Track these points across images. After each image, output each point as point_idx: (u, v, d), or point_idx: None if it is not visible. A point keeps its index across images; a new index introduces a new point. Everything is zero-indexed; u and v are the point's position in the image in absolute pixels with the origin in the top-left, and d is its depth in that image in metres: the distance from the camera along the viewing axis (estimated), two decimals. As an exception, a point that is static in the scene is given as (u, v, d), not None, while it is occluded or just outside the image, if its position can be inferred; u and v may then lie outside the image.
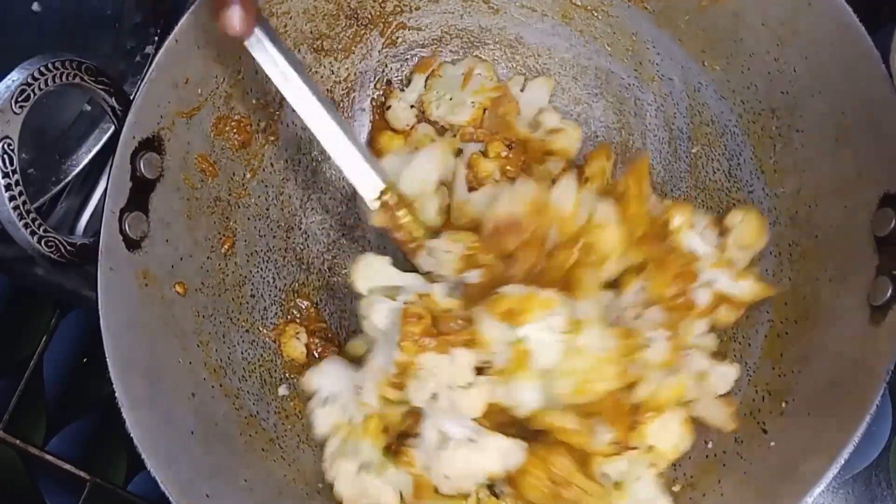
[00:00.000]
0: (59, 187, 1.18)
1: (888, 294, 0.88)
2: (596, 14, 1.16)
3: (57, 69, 0.90)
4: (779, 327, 1.02)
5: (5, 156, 0.86)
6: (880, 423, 1.15)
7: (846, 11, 0.94)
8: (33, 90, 0.88)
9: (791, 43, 1.02)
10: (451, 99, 1.18)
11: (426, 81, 1.21)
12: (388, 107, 1.21)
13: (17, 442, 1.27)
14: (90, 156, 1.19)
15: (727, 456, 0.99)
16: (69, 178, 1.19)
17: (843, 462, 0.85)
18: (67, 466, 1.25)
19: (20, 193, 0.88)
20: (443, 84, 1.19)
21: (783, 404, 0.97)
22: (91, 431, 1.27)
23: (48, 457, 1.26)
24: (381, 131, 1.21)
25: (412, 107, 1.20)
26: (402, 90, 1.21)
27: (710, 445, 1.02)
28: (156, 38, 1.22)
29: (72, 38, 1.28)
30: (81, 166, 1.19)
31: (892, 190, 0.91)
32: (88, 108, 1.21)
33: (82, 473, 1.25)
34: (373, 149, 1.20)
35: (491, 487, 1.01)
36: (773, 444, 0.96)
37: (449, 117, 1.18)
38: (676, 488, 1.01)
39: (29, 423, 1.27)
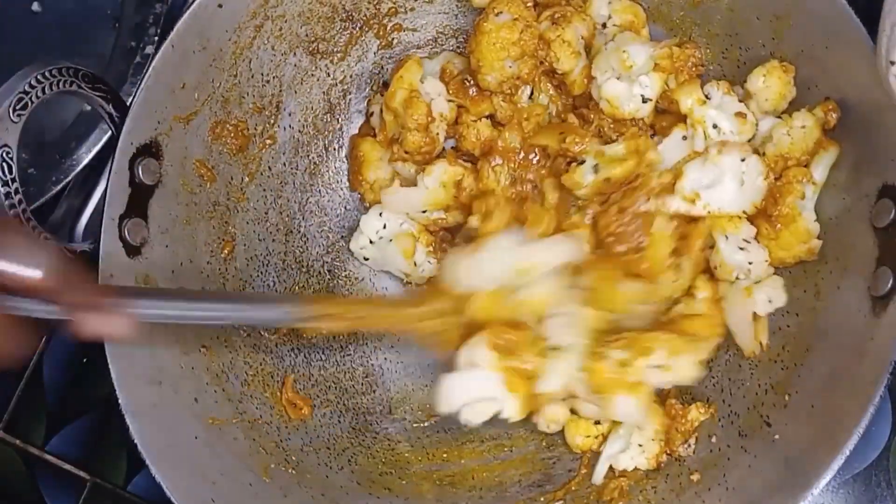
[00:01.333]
0: (59, 187, 1.18)
1: (889, 285, 0.88)
2: (591, 11, 1.17)
3: (54, 77, 0.90)
4: (780, 320, 1.02)
5: (4, 164, 0.86)
6: (880, 423, 1.15)
7: (841, 4, 0.94)
8: (31, 98, 0.88)
9: (786, 37, 1.02)
10: None
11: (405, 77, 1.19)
12: (371, 113, 1.21)
13: (17, 442, 1.26)
14: (90, 156, 1.19)
15: (731, 450, 0.99)
16: (69, 177, 1.19)
17: (847, 453, 0.85)
18: (67, 466, 1.25)
19: (20, 202, 0.88)
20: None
21: (786, 397, 0.97)
22: (91, 431, 1.26)
23: (48, 457, 1.25)
24: (364, 137, 1.20)
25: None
26: (381, 94, 1.20)
27: (713, 440, 1.02)
28: (156, 39, 1.22)
29: (71, 38, 1.29)
30: (81, 166, 1.19)
31: (890, 181, 0.91)
32: (88, 108, 1.21)
33: (82, 473, 1.24)
34: (354, 155, 1.20)
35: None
36: (777, 437, 0.96)
37: None
38: (696, 477, 1.01)
39: (29, 423, 1.27)
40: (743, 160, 1.00)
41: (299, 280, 1.18)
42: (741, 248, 1.01)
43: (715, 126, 1.02)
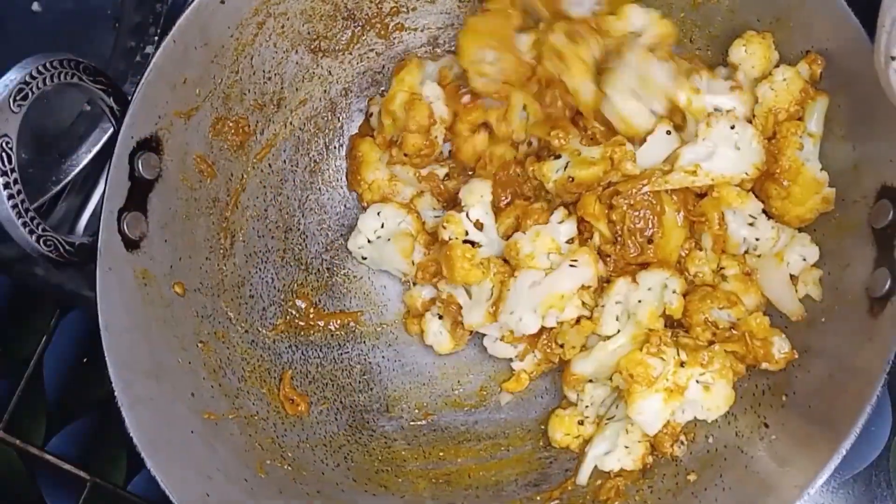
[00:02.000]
0: (59, 187, 1.18)
1: (887, 286, 0.88)
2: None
3: (55, 68, 0.90)
4: (777, 321, 1.02)
5: (4, 154, 0.86)
6: (880, 423, 1.15)
7: (840, 6, 0.95)
8: (31, 89, 0.88)
9: (786, 38, 1.02)
10: None
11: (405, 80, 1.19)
12: (370, 113, 1.21)
13: (17, 442, 1.27)
14: (90, 155, 1.19)
15: (728, 450, 0.99)
16: (69, 177, 1.19)
17: (844, 454, 0.85)
18: (67, 466, 1.25)
19: (19, 192, 0.88)
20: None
21: (783, 398, 0.97)
22: (91, 431, 1.26)
23: (48, 457, 1.26)
24: (364, 137, 1.20)
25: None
26: (382, 95, 1.21)
27: (710, 440, 1.02)
28: (156, 38, 1.22)
29: (71, 37, 1.29)
30: (81, 166, 1.19)
31: (889, 182, 0.91)
32: (88, 107, 1.22)
33: (82, 473, 1.25)
34: (353, 155, 1.20)
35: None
36: (774, 437, 0.96)
37: None
38: (692, 477, 1.01)
39: (29, 423, 1.27)
40: (732, 127, 1.01)
41: (298, 277, 1.18)
42: (749, 224, 1.02)
43: (717, 109, 1.03)
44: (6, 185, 0.86)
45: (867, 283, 0.91)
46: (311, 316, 1.17)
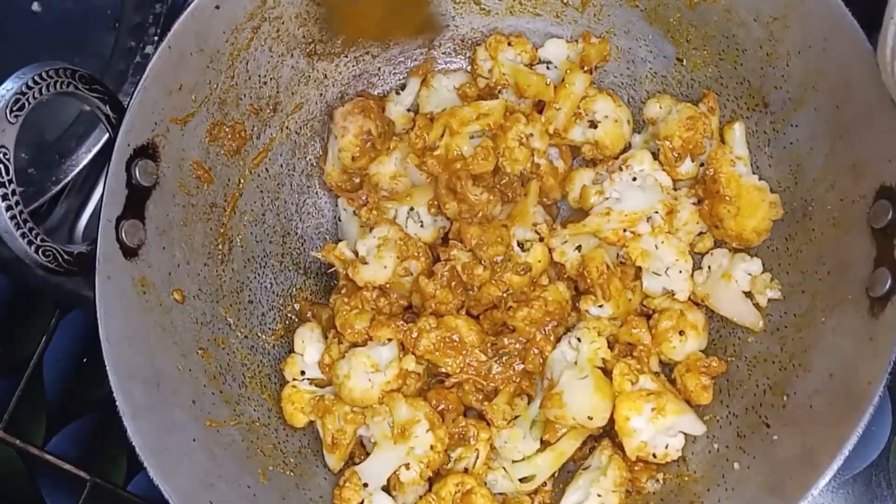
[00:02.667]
0: (58, 187, 1.19)
1: (887, 286, 0.88)
2: (587, 12, 1.17)
3: (51, 77, 0.89)
4: (777, 321, 1.03)
5: (1, 166, 0.85)
6: (880, 423, 1.16)
7: (838, 5, 0.95)
8: (28, 99, 0.87)
9: (784, 38, 1.02)
10: None
11: (419, 92, 1.20)
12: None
13: (17, 442, 1.27)
14: (90, 156, 1.20)
15: (730, 451, 1.00)
16: (69, 177, 1.19)
17: (847, 454, 0.85)
18: (67, 466, 1.26)
19: (17, 203, 0.87)
20: (434, 98, 1.19)
21: (784, 398, 0.97)
22: (91, 431, 1.27)
23: (48, 457, 1.26)
24: None
25: (409, 110, 1.20)
26: (398, 93, 1.21)
27: (713, 441, 1.02)
28: (156, 39, 1.23)
29: (71, 38, 1.30)
30: (81, 166, 1.20)
31: (888, 182, 0.91)
32: (87, 108, 1.21)
33: (82, 473, 1.25)
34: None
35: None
36: (775, 437, 0.96)
37: None
38: (696, 478, 1.01)
39: (29, 423, 1.27)
40: (634, 179, 1.09)
41: (297, 281, 1.18)
42: (656, 275, 1.08)
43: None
44: (4, 197, 0.86)
45: (867, 283, 0.91)
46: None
